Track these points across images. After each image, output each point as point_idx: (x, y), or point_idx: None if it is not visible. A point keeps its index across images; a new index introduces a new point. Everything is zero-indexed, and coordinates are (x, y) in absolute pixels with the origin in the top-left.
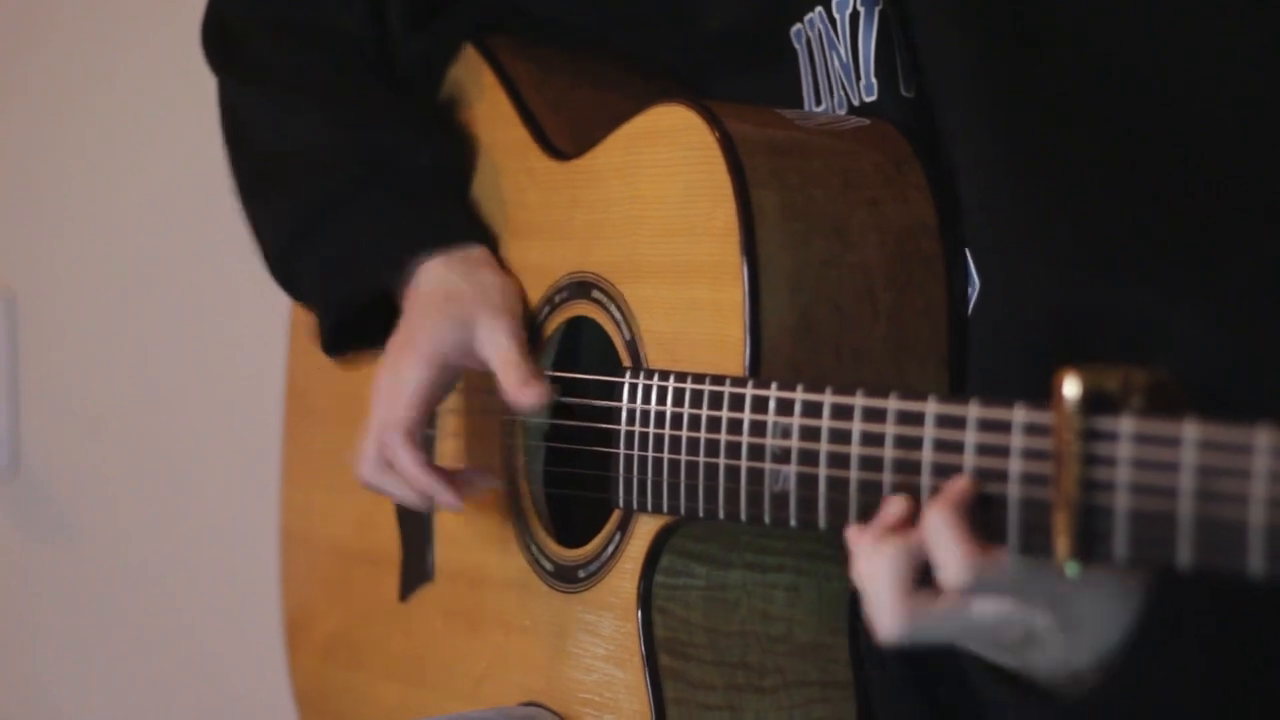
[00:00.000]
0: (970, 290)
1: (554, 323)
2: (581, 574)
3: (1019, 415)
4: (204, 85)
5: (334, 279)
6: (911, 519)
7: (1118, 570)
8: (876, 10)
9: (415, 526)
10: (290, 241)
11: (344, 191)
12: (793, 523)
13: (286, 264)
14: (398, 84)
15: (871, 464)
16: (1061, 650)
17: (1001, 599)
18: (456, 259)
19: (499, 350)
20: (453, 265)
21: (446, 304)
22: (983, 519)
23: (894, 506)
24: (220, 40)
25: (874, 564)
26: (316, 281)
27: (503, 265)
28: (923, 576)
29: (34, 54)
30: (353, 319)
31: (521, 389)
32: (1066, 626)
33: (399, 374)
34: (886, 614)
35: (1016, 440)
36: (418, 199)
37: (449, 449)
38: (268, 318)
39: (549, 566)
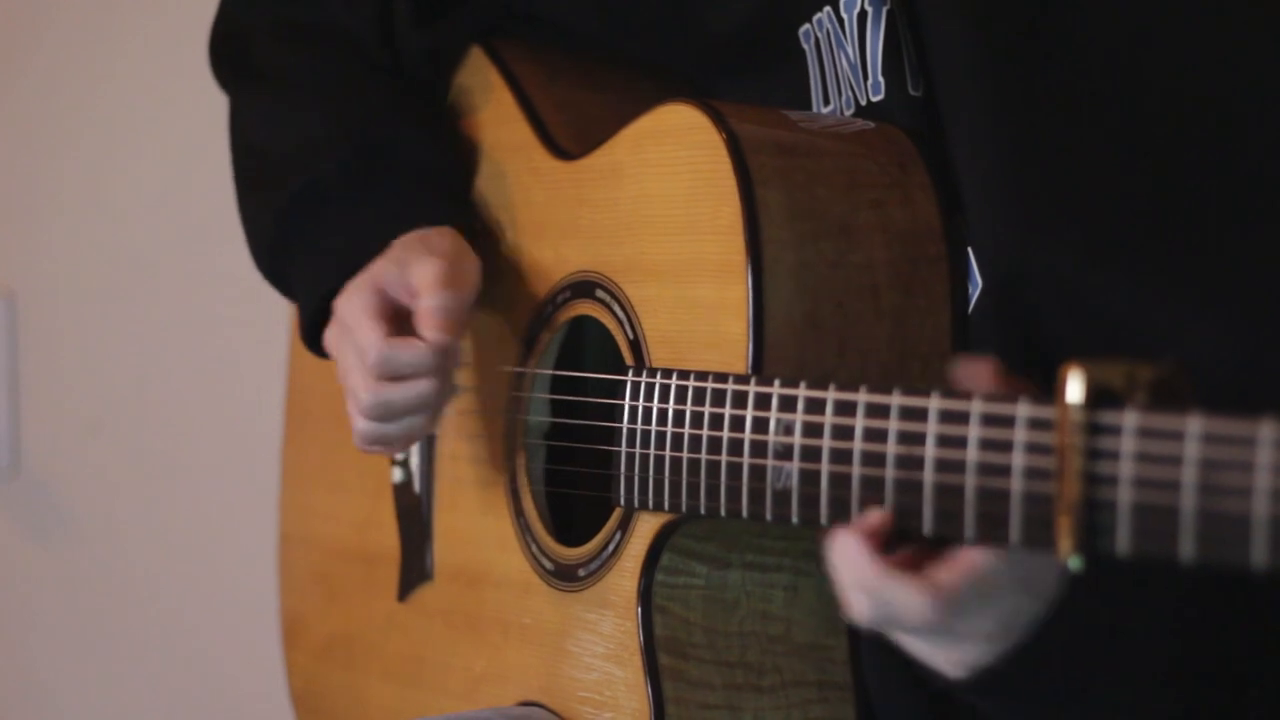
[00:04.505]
0: (972, 289)
1: (557, 322)
2: (582, 573)
3: (1022, 410)
4: (204, 85)
5: (316, 266)
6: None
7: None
8: (884, 10)
9: (415, 525)
10: (277, 231)
11: (332, 180)
12: (795, 519)
13: (274, 255)
14: (405, 81)
15: (874, 460)
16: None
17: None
18: (427, 233)
19: (427, 273)
20: (416, 237)
21: (389, 252)
22: (986, 513)
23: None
24: (226, 49)
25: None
26: (300, 270)
27: (500, 261)
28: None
29: (34, 54)
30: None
31: (432, 315)
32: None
33: (345, 324)
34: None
35: (1020, 434)
36: (407, 190)
37: (450, 449)
38: (268, 318)
39: (549, 565)
